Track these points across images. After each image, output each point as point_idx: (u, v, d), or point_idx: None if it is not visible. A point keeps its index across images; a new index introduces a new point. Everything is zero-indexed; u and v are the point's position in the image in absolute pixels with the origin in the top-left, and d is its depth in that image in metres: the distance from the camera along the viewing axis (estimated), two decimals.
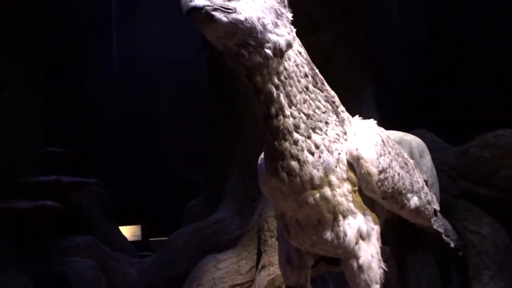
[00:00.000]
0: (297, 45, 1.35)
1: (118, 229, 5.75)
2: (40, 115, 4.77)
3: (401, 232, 1.90)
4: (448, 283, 3.12)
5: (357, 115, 1.54)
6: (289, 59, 1.30)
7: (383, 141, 1.48)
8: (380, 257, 1.46)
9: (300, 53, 1.34)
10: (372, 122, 1.55)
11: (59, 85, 5.96)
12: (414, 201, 1.59)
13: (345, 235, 1.39)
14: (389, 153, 1.49)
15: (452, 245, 1.98)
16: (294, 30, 1.36)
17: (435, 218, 1.82)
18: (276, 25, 1.29)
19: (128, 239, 6.02)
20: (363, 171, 1.40)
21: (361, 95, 4.22)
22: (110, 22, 7.91)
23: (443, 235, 1.93)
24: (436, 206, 1.84)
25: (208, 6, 1.19)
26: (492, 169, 3.12)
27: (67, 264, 3.83)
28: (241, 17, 1.22)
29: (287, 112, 1.30)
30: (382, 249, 1.48)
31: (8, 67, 4.45)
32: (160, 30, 7.14)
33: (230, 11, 1.21)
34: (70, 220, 4.64)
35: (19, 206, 3.90)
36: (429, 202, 1.72)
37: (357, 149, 1.40)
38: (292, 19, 1.37)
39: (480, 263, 3.08)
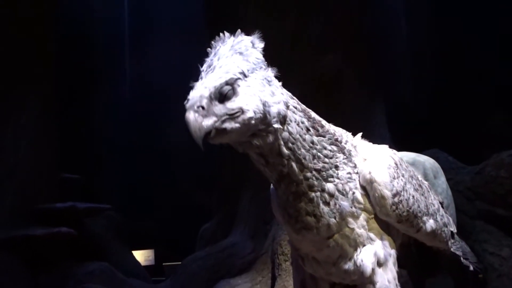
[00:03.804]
0: (289, 98, 1.29)
1: (132, 254, 5.74)
2: (56, 142, 4.84)
3: (418, 255, 1.86)
4: None
5: (360, 133, 1.49)
6: (290, 121, 1.25)
7: (396, 164, 1.47)
8: (397, 282, 1.43)
9: (295, 108, 1.28)
10: (383, 146, 1.54)
11: (73, 112, 6.08)
12: (430, 224, 1.56)
13: (362, 260, 1.37)
14: (403, 176, 1.47)
15: (471, 268, 1.92)
16: (280, 83, 1.28)
17: (452, 241, 1.78)
18: (273, 93, 1.22)
19: (142, 264, 6.00)
20: (376, 195, 1.38)
21: (372, 115, 4.21)
22: (123, 50, 8.08)
23: (462, 258, 1.89)
24: (453, 228, 1.80)
25: (216, 122, 1.14)
26: (509, 189, 3.05)
27: None
28: (250, 114, 1.15)
29: (300, 177, 1.27)
30: (399, 273, 1.45)
31: (24, 94, 4.54)
32: (172, 58, 7.27)
33: (237, 114, 1.15)
34: (84, 245, 4.66)
35: (35, 234, 3.94)
36: (445, 225, 1.69)
37: (370, 173, 1.39)
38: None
39: (501, 286, 2.99)
